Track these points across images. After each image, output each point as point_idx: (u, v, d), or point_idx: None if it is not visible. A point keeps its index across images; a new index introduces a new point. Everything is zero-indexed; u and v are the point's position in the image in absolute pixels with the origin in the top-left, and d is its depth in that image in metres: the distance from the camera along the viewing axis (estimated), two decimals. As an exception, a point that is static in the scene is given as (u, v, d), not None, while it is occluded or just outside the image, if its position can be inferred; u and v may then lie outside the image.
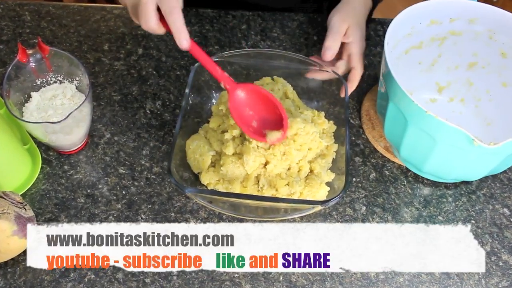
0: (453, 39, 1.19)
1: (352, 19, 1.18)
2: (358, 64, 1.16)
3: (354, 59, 1.16)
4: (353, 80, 1.17)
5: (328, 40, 1.15)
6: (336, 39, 1.15)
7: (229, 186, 1.05)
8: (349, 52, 1.17)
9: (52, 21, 1.41)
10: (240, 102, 1.07)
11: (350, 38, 1.16)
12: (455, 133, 0.93)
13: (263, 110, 1.08)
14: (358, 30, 1.17)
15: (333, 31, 1.15)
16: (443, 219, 1.11)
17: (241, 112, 1.07)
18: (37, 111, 1.10)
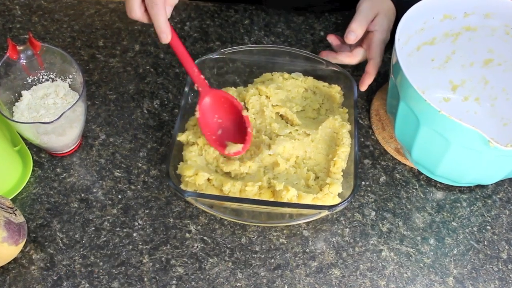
0: (468, 34, 1.19)
1: (382, 7, 1.19)
2: (378, 55, 1.17)
3: (374, 48, 1.17)
4: (369, 72, 1.18)
5: (354, 23, 1.17)
6: (362, 23, 1.17)
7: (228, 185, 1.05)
8: (371, 41, 1.18)
9: (44, 16, 1.42)
10: (210, 107, 1.10)
11: (376, 26, 1.17)
12: (469, 134, 0.93)
13: (231, 120, 1.11)
14: (386, 20, 1.18)
15: (361, 15, 1.18)
16: (457, 225, 1.11)
17: (209, 118, 1.10)
18: (28, 111, 1.10)
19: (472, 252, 1.08)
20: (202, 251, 1.06)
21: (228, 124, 1.11)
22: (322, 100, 1.20)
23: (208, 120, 1.10)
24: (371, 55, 1.18)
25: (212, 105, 1.10)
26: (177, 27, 1.40)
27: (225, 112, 1.11)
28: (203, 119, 1.09)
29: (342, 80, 1.19)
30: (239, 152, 1.07)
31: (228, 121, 1.11)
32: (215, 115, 1.10)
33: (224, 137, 1.10)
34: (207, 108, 1.09)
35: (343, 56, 1.21)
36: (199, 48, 1.36)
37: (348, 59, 1.21)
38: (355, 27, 1.16)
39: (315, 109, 1.19)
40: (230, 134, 1.10)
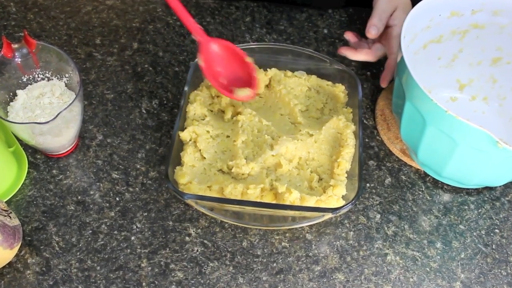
0: (476, 32, 1.19)
1: (400, 1, 1.22)
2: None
3: (394, 43, 1.18)
4: (391, 67, 1.19)
5: (374, 18, 1.19)
6: (382, 18, 1.19)
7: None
8: (391, 35, 1.20)
9: (40, 13, 1.42)
10: (211, 56, 1.10)
11: (395, 20, 1.19)
12: (477, 135, 0.93)
13: (234, 68, 1.12)
14: (404, 13, 1.18)
15: (380, 10, 1.20)
16: (464, 228, 1.11)
17: (212, 66, 1.11)
18: (23, 111, 1.10)
19: (480, 256, 1.08)
20: (202, 255, 1.06)
21: (231, 72, 1.12)
22: (326, 100, 1.20)
23: (212, 69, 1.10)
24: (391, 49, 1.19)
25: (213, 54, 1.11)
26: (176, 24, 1.40)
27: (227, 60, 1.12)
28: (208, 67, 1.10)
29: (346, 79, 1.19)
30: (248, 96, 1.08)
31: (231, 69, 1.12)
32: (217, 64, 1.11)
33: (231, 84, 1.11)
34: (209, 57, 1.10)
35: (363, 53, 1.22)
36: (199, 46, 1.36)
37: (368, 56, 1.22)
38: (376, 22, 1.18)
39: (318, 109, 1.19)
40: (234, 82, 1.11)
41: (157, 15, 1.42)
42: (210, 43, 1.10)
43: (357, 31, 1.30)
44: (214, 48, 1.10)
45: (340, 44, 1.37)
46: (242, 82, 1.11)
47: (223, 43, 1.11)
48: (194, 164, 1.08)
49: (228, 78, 1.12)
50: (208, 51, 1.10)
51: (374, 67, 1.34)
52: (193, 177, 1.06)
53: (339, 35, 1.40)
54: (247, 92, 1.08)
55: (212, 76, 1.10)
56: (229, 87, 1.10)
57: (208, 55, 1.10)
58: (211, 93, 1.17)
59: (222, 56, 1.11)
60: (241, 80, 1.11)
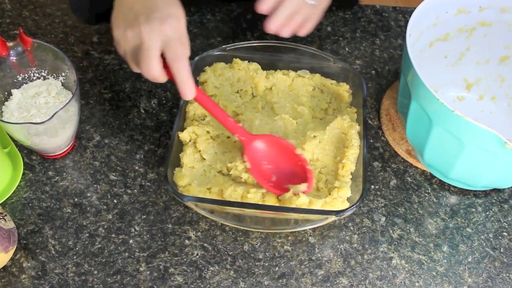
0: (483, 30, 1.19)
1: None
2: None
3: None
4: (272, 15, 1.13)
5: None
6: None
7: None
8: None
9: (35, 10, 1.42)
10: (258, 154, 1.08)
11: None
12: (485, 135, 0.93)
13: (282, 162, 1.09)
14: None
15: None
16: (472, 231, 1.11)
17: (259, 165, 1.08)
18: (18, 111, 1.10)
19: (487, 259, 1.09)
20: (202, 259, 1.06)
21: (281, 167, 1.09)
22: (330, 99, 1.21)
23: (259, 168, 1.07)
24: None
25: (260, 151, 1.08)
26: (175, 22, 1.40)
27: (274, 155, 1.09)
28: (255, 168, 1.06)
29: (350, 78, 1.19)
30: (305, 192, 1.04)
31: (280, 164, 1.09)
32: (264, 161, 1.08)
33: (280, 180, 1.08)
34: (255, 155, 1.07)
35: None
36: (199, 44, 1.36)
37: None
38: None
39: (323, 109, 1.19)
40: (285, 177, 1.08)
41: (156, 12, 1.42)
42: (255, 141, 1.07)
43: (362, 28, 1.31)
44: (259, 145, 1.08)
45: (344, 42, 1.37)
46: (293, 176, 1.08)
47: (269, 139, 1.09)
48: (193, 165, 1.08)
49: (276, 172, 1.08)
50: (253, 150, 1.07)
51: (379, 66, 1.34)
52: (193, 179, 1.06)
53: (343, 33, 1.40)
54: (304, 188, 1.04)
55: (262, 176, 1.07)
56: (282, 184, 1.07)
57: (254, 154, 1.07)
58: (208, 93, 1.17)
59: (269, 151, 1.09)
60: (293, 174, 1.08)
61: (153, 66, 0.96)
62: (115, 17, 1.01)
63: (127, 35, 0.97)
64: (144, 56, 0.95)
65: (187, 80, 0.97)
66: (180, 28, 0.97)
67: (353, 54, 1.36)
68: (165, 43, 0.95)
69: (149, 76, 0.97)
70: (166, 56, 0.96)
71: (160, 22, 0.95)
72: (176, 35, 0.96)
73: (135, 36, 0.96)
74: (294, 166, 1.08)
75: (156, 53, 0.95)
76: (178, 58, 0.95)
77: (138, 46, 0.96)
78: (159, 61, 0.96)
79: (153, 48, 0.95)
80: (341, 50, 1.36)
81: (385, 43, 1.35)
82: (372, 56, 1.36)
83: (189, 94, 0.98)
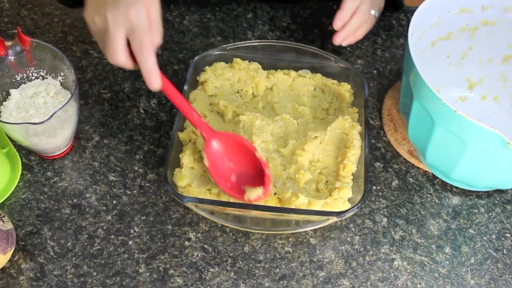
0: (486, 29, 1.19)
1: None
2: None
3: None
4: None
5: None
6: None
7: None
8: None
9: (34, 9, 1.42)
10: (218, 152, 1.07)
11: None
12: (487, 135, 0.93)
13: (243, 162, 1.08)
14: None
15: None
16: (474, 232, 1.11)
17: (219, 164, 1.07)
18: (16, 111, 1.10)
19: (490, 261, 1.09)
20: (202, 260, 1.06)
21: (240, 168, 1.08)
22: (331, 99, 1.21)
23: (218, 167, 1.06)
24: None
25: (220, 150, 1.07)
26: (175, 21, 1.40)
27: (235, 155, 1.08)
28: (213, 166, 1.06)
29: (352, 78, 1.19)
30: (260, 197, 1.03)
31: (240, 164, 1.08)
32: (224, 159, 1.07)
33: (240, 182, 1.07)
34: (215, 153, 1.06)
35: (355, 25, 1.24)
36: (199, 44, 1.36)
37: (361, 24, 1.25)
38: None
39: (324, 109, 1.19)
40: (244, 178, 1.07)
41: (156, 12, 1.42)
42: (216, 137, 1.06)
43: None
44: (220, 142, 1.06)
45: (345, 42, 1.38)
46: (251, 177, 1.07)
47: (231, 137, 1.07)
48: (193, 166, 1.08)
49: (236, 172, 1.07)
50: (214, 146, 1.06)
51: (380, 65, 1.34)
52: (193, 180, 1.06)
53: (344, 32, 1.40)
54: (259, 192, 1.03)
55: (219, 174, 1.06)
56: (240, 185, 1.06)
57: (214, 150, 1.06)
58: (208, 93, 1.17)
59: (230, 150, 1.07)
60: (250, 174, 1.07)
61: (118, 53, 0.94)
62: (87, 0, 0.98)
63: (95, 20, 0.95)
64: (108, 42, 0.94)
65: (151, 70, 0.94)
66: (150, 15, 0.94)
67: (355, 54, 1.36)
68: (131, 31, 0.93)
69: (114, 62, 0.95)
70: (131, 44, 0.94)
71: (126, 8, 0.92)
72: (142, 22, 0.93)
73: (102, 21, 0.94)
74: (254, 169, 1.07)
75: (120, 40, 0.93)
76: (143, 47, 0.93)
77: (104, 31, 0.94)
78: (124, 48, 0.94)
79: (117, 35, 0.93)
80: (343, 50, 1.36)
81: (386, 42, 1.35)
82: (374, 56, 1.36)
83: (154, 84, 0.95)
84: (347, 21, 1.21)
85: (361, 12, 1.21)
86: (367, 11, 1.22)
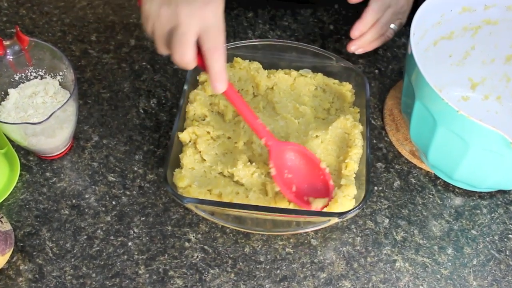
0: (489, 28, 1.19)
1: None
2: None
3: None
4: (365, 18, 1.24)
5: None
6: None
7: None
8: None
9: (32, 8, 1.42)
10: (282, 162, 1.06)
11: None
12: (490, 136, 0.93)
13: (305, 173, 1.08)
14: None
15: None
16: (477, 233, 1.11)
17: (283, 173, 1.06)
18: (15, 111, 1.10)
19: (493, 262, 1.09)
20: (202, 262, 1.06)
21: (301, 179, 1.07)
22: (332, 99, 1.20)
23: (282, 176, 1.05)
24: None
25: (283, 159, 1.06)
26: (175, 20, 1.40)
27: (297, 165, 1.07)
28: (279, 176, 1.05)
29: (353, 78, 1.19)
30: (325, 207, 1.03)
31: (301, 175, 1.07)
32: (285, 169, 1.06)
33: (301, 193, 1.06)
34: (279, 163, 1.05)
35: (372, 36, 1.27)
36: (199, 43, 1.36)
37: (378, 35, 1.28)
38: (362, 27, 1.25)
39: (325, 109, 1.19)
40: (305, 189, 1.06)
41: (155, 11, 1.42)
42: (281, 148, 1.05)
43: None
44: (285, 153, 1.06)
45: (347, 41, 1.37)
46: (313, 189, 1.06)
47: (295, 148, 1.07)
48: (193, 166, 1.08)
49: (298, 184, 1.06)
50: (278, 157, 1.05)
51: (382, 65, 1.34)
52: (193, 180, 1.06)
53: (345, 31, 1.40)
54: (325, 202, 1.03)
55: (284, 183, 1.05)
56: (302, 195, 1.05)
57: (279, 161, 1.05)
58: (209, 93, 1.17)
59: (294, 161, 1.07)
60: (313, 187, 1.07)
61: (187, 52, 0.90)
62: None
63: (162, 13, 0.90)
64: (178, 40, 0.89)
65: (221, 72, 0.91)
66: (220, 15, 0.91)
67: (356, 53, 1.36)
68: (204, 30, 0.89)
69: (179, 62, 0.91)
70: (203, 45, 0.90)
71: (202, 6, 0.89)
72: (216, 22, 0.90)
73: (171, 15, 0.89)
74: (315, 179, 1.07)
75: (192, 40, 0.89)
76: (216, 48, 0.90)
77: (173, 27, 0.90)
78: (194, 48, 0.90)
79: (190, 34, 0.89)
80: (344, 49, 1.36)
81: (388, 41, 1.34)
82: (375, 55, 1.36)
83: (220, 87, 0.92)
84: (365, 32, 1.24)
85: (381, 24, 1.24)
86: (387, 24, 1.25)
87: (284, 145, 1.06)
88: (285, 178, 1.06)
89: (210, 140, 1.11)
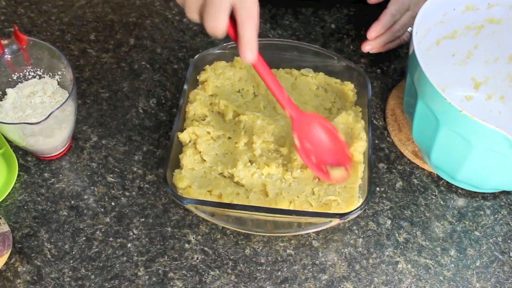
0: (492, 27, 1.19)
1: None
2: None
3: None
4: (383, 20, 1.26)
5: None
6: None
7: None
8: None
9: (31, 7, 1.42)
10: (304, 133, 1.07)
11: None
12: (493, 136, 0.93)
13: (324, 144, 1.08)
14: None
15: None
16: (480, 235, 1.11)
17: (303, 145, 1.07)
18: (13, 111, 1.10)
19: (496, 264, 1.08)
20: (202, 263, 1.06)
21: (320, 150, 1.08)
22: (334, 99, 1.20)
23: (304, 147, 1.06)
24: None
25: (305, 130, 1.07)
26: (175, 19, 1.40)
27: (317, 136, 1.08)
28: (302, 147, 1.06)
29: (355, 77, 1.19)
30: (344, 177, 1.05)
31: (321, 146, 1.08)
32: (308, 141, 1.07)
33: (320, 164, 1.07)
34: (302, 134, 1.06)
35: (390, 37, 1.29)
36: (199, 42, 1.36)
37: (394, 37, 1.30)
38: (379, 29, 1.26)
39: (327, 109, 1.19)
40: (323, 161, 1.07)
41: (155, 10, 1.42)
42: (304, 118, 1.06)
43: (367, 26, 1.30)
44: (307, 124, 1.06)
45: (348, 40, 1.38)
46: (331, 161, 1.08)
47: (317, 118, 1.08)
48: (193, 167, 1.08)
49: (317, 156, 1.07)
50: (301, 128, 1.06)
51: (384, 64, 1.34)
52: (193, 181, 1.06)
53: (347, 31, 1.40)
54: (342, 172, 1.05)
55: (306, 154, 1.06)
56: (320, 165, 1.07)
57: (302, 132, 1.06)
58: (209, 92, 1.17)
59: (314, 133, 1.08)
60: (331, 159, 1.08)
61: (221, 19, 0.89)
62: None
63: None
64: (213, 7, 0.88)
65: (252, 41, 0.91)
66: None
67: (358, 52, 1.36)
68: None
69: (212, 28, 0.90)
70: (238, 13, 0.89)
71: None
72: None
73: None
74: (334, 150, 1.08)
75: (228, 7, 0.89)
76: (251, 18, 0.89)
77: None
78: (228, 15, 0.89)
79: (226, 1, 0.88)
80: (346, 48, 1.36)
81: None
82: (377, 54, 1.36)
83: (250, 57, 0.92)
84: (381, 34, 1.25)
85: (398, 27, 1.26)
86: (404, 27, 1.27)
87: (306, 116, 1.07)
88: (306, 148, 1.07)
89: (210, 140, 1.11)
